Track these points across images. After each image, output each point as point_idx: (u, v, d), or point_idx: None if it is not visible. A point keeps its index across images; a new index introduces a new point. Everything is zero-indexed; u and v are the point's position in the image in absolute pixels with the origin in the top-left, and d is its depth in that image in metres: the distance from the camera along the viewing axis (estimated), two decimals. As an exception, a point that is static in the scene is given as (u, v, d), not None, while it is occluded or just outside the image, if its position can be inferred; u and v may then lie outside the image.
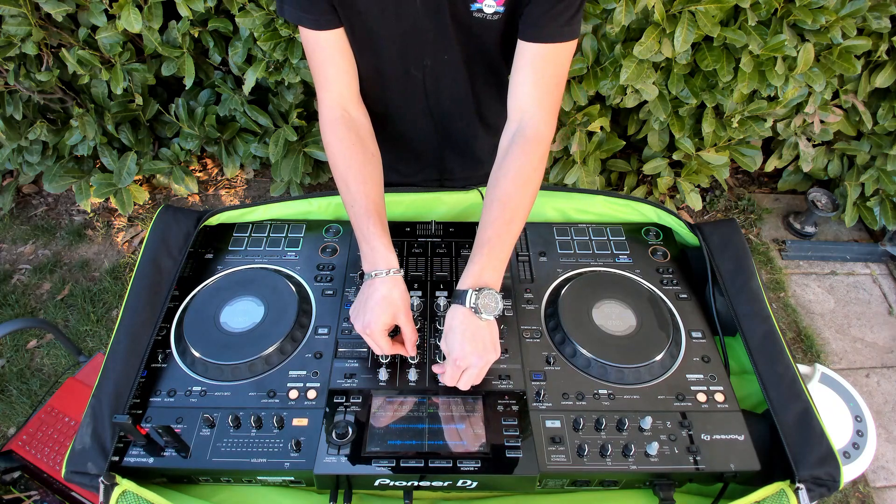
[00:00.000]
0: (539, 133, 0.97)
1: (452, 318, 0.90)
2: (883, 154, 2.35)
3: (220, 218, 1.13)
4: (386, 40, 1.01)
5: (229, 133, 2.34)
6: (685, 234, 1.13)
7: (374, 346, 0.91)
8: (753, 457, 0.82)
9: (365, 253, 0.95)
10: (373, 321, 0.88)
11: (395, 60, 1.04)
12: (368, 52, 1.03)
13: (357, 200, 0.97)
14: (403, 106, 1.15)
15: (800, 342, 2.35)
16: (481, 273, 0.90)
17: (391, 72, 1.07)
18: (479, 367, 0.87)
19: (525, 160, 0.96)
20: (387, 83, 1.09)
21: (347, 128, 1.02)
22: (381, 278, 0.91)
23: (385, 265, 0.92)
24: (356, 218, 0.97)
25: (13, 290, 2.44)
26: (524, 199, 0.96)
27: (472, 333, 0.87)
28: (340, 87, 1.03)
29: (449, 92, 1.11)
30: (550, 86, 0.98)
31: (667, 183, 2.36)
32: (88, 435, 0.80)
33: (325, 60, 1.01)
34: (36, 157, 2.32)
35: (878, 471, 2.02)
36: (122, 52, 2.04)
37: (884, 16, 1.95)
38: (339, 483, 0.82)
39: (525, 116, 0.98)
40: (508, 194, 0.95)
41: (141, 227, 2.68)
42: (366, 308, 0.90)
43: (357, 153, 1.01)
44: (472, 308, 0.88)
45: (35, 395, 2.11)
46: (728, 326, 0.99)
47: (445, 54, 1.03)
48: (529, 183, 0.96)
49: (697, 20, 1.81)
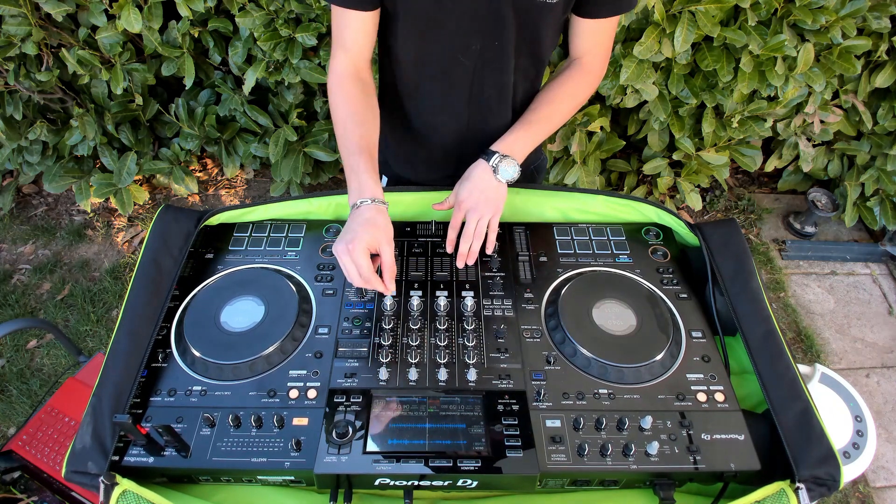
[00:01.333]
0: (592, 67, 1.13)
1: (473, 168, 1.06)
2: (883, 154, 2.35)
3: (221, 218, 1.13)
4: (441, 24, 1.01)
5: (229, 133, 2.34)
6: (685, 233, 1.13)
7: (353, 269, 0.91)
8: (753, 456, 0.82)
9: (352, 187, 0.98)
10: (356, 238, 0.90)
11: (445, 46, 1.04)
12: (419, 39, 1.04)
13: (351, 139, 1.00)
14: (444, 96, 1.14)
15: (800, 342, 2.35)
16: (513, 143, 1.07)
17: (439, 59, 1.07)
18: (479, 215, 1.02)
19: (576, 80, 1.12)
20: (433, 70, 1.09)
21: (356, 81, 1.05)
22: (366, 205, 0.94)
23: (370, 194, 0.95)
24: (348, 155, 1.00)
25: (13, 290, 2.44)
26: (566, 105, 1.13)
27: (484, 186, 1.04)
28: (360, 49, 1.05)
29: (493, 80, 1.10)
30: (606, 38, 1.11)
31: (667, 183, 2.36)
32: (89, 434, 0.80)
33: (350, 33, 1.03)
34: (36, 157, 2.32)
35: (878, 471, 2.02)
36: (122, 52, 2.04)
37: (884, 16, 1.95)
38: (339, 482, 0.82)
39: (583, 57, 1.12)
40: (556, 95, 1.12)
41: (141, 227, 2.68)
42: (348, 229, 0.92)
43: (360, 103, 1.04)
44: (492, 167, 1.04)
45: (35, 395, 2.11)
46: (728, 326, 0.99)
47: (497, 40, 1.03)
48: (574, 97, 1.13)
49: (697, 20, 1.81)
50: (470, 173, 1.07)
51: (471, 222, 1.05)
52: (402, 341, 0.96)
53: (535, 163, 1.36)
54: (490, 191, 1.05)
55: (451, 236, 1.09)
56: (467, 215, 1.05)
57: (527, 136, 1.09)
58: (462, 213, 1.06)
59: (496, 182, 1.05)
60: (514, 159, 1.06)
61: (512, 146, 1.07)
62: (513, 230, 1.15)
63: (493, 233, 1.07)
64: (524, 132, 1.09)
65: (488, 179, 1.05)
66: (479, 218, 1.04)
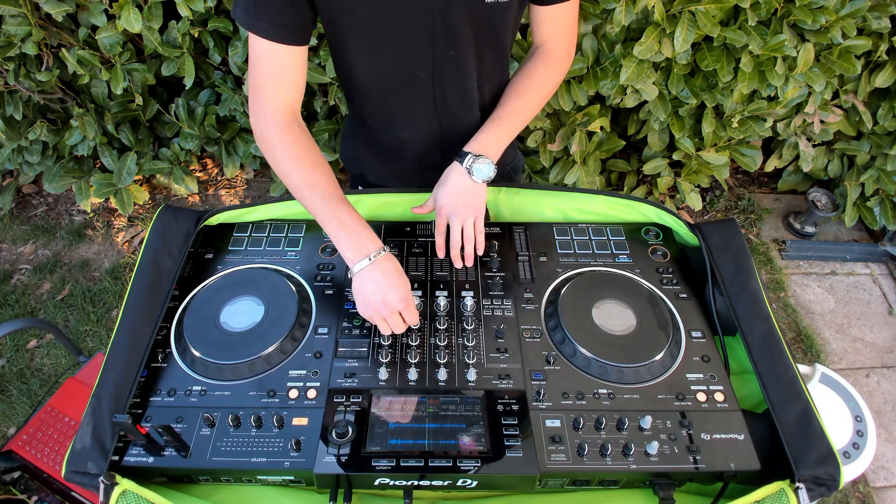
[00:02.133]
0: (557, 54, 1.10)
1: (448, 173, 1.05)
2: (883, 154, 2.35)
3: (220, 218, 1.13)
4: (390, 44, 0.98)
5: (229, 133, 2.34)
6: (685, 233, 1.13)
7: (398, 322, 0.93)
8: (753, 456, 0.82)
9: (348, 241, 0.94)
10: (407, 292, 0.92)
11: (399, 64, 1.02)
12: (370, 59, 1.01)
13: (328, 192, 0.96)
14: (408, 111, 1.12)
15: (800, 342, 2.35)
16: (485, 142, 1.05)
17: (396, 76, 1.04)
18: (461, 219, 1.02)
19: (541, 67, 1.10)
20: (391, 88, 1.07)
21: (301, 130, 1.00)
22: (382, 256, 0.94)
23: (377, 246, 0.95)
24: (329, 208, 0.95)
25: (13, 290, 2.45)
26: (535, 96, 1.10)
27: (460, 190, 1.03)
28: (294, 94, 0.99)
29: (455, 88, 1.08)
30: (568, 23, 1.08)
31: (667, 183, 2.36)
32: (88, 434, 0.80)
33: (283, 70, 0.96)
34: (36, 157, 2.32)
35: (878, 471, 2.02)
36: (122, 52, 2.04)
37: (884, 16, 1.95)
38: (338, 482, 0.82)
39: (547, 44, 1.10)
40: (524, 87, 1.09)
41: (141, 227, 2.68)
42: (390, 284, 0.92)
43: (315, 151, 1.00)
44: (467, 169, 1.03)
45: (35, 395, 2.11)
46: (728, 326, 0.99)
47: (451, 49, 1.01)
48: (542, 86, 1.10)
49: (697, 20, 1.81)
50: (446, 177, 1.06)
51: (455, 227, 1.04)
52: (402, 341, 0.96)
53: (511, 163, 1.34)
54: (467, 193, 1.04)
55: (440, 242, 1.08)
56: (449, 220, 1.05)
57: (498, 132, 1.07)
58: (444, 218, 1.05)
59: (472, 184, 1.04)
60: (488, 158, 1.04)
61: (485, 145, 1.05)
62: (513, 230, 1.15)
63: (480, 234, 1.07)
64: (495, 129, 1.07)
65: (464, 182, 1.04)
66: (462, 222, 1.04)
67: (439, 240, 1.08)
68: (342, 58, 1.03)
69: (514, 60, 1.99)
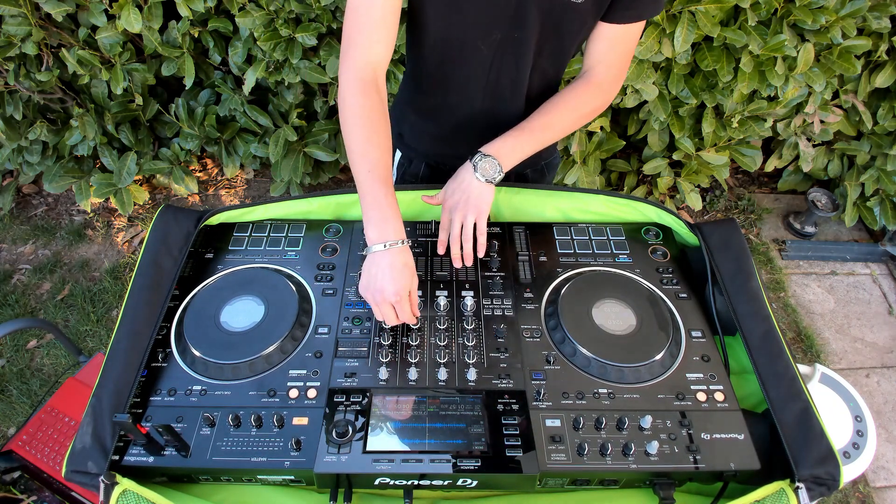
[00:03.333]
0: (602, 80, 1.10)
1: (460, 169, 1.07)
2: (883, 154, 2.35)
3: (221, 218, 1.13)
4: (464, 11, 1.00)
5: (229, 133, 2.34)
6: (685, 233, 1.13)
7: (391, 315, 0.93)
8: (753, 456, 0.82)
9: (375, 220, 0.94)
10: (403, 288, 0.92)
11: (467, 32, 1.03)
12: (442, 22, 1.02)
13: (376, 167, 0.95)
14: (461, 79, 1.13)
15: (800, 342, 2.35)
16: (501, 147, 1.06)
17: (459, 44, 1.06)
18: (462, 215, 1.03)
19: (581, 91, 1.10)
20: (453, 53, 1.08)
21: (377, 92, 0.99)
22: (397, 247, 0.93)
23: (398, 235, 0.94)
24: (370, 183, 0.94)
25: (13, 290, 2.45)
26: (569, 115, 1.10)
27: (466, 186, 1.05)
28: (380, 51, 0.99)
29: (509, 71, 1.09)
30: (624, 50, 1.08)
31: (667, 183, 2.36)
32: (89, 434, 0.80)
33: (375, 23, 0.96)
34: (36, 157, 2.32)
35: (878, 471, 2.02)
36: (122, 52, 2.04)
37: (884, 16, 1.95)
38: (339, 482, 0.82)
39: (596, 68, 1.10)
40: (559, 105, 1.10)
41: (141, 227, 2.68)
42: (391, 276, 0.91)
43: (381, 120, 0.98)
44: (473, 165, 1.04)
45: (35, 395, 2.11)
46: (728, 326, 0.99)
47: (517, 32, 1.02)
48: (579, 108, 1.10)
49: (697, 20, 1.81)
50: (457, 172, 1.08)
51: (455, 222, 1.05)
52: (402, 341, 0.96)
53: (546, 159, 1.35)
54: (472, 190, 1.05)
55: (442, 237, 1.09)
56: (451, 215, 1.06)
57: (517, 141, 1.07)
58: (447, 212, 1.07)
59: (479, 183, 1.04)
60: (497, 160, 1.04)
61: (500, 149, 1.06)
62: (513, 230, 1.15)
63: (482, 235, 1.07)
64: (516, 137, 1.07)
65: (470, 179, 1.05)
66: (463, 218, 1.05)
67: (442, 235, 1.09)
68: (417, 18, 1.04)
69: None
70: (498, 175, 1.05)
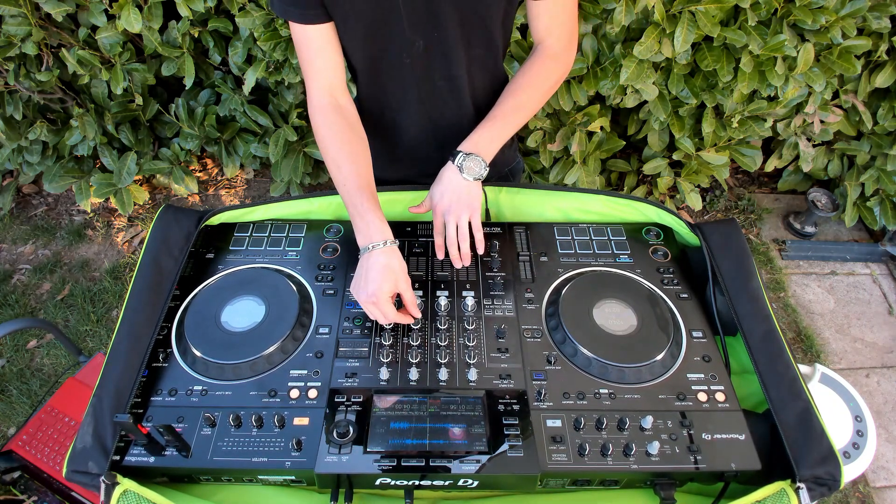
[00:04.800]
0: (555, 51, 1.09)
1: (442, 172, 1.07)
2: (883, 154, 2.35)
3: (221, 218, 1.13)
4: (382, 27, 1.00)
5: (229, 133, 2.34)
6: (685, 233, 1.13)
7: (379, 315, 0.94)
8: (754, 456, 0.82)
9: (359, 228, 0.98)
10: (377, 290, 0.92)
11: (389, 48, 1.04)
12: (363, 42, 1.03)
13: (349, 179, 1.00)
14: (397, 95, 1.13)
15: (800, 342, 2.35)
16: (478, 141, 1.06)
17: (386, 61, 1.06)
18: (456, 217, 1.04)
19: (539, 66, 1.09)
20: (382, 74, 1.09)
21: (336, 112, 1.05)
22: (378, 249, 0.95)
23: (381, 237, 0.96)
24: (348, 195, 1.00)
25: (13, 290, 2.44)
26: (532, 93, 1.10)
27: (454, 187, 1.05)
28: (329, 76, 1.05)
29: (441, 74, 1.08)
30: (566, 18, 1.07)
31: (667, 183, 2.36)
32: (89, 434, 0.80)
33: (314, 53, 1.02)
34: (36, 157, 2.32)
35: (878, 471, 2.02)
36: (122, 52, 2.04)
37: (884, 16, 1.95)
38: (339, 482, 0.82)
39: (545, 41, 1.09)
40: (520, 85, 1.09)
41: (141, 227, 2.68)
42: (367, 279, 0.94)
43: (346, 135, 1.04)
44: (458, 167, 1.04)
45: (35, 395, 2.11)
46: (728, 326, 0.99)
47: (437, 31, 1.01)
48: (539, 83, 1.10)
49: (697, 20, 1.81)
50: (441, 176, 1.08)
51: (450, 226, 1.06)
52: (403, 341, 0.96)
53: (509, 165, 1.35)
54: (461, 191, 1.05)
55: (438, 241, 1.09)
56: (445, 218, 1.06)
57: (491, 131, 1.07)
58: (440, 217, 1.07)
59: (465, 182, 1.05)
60: (479, 156, 1.05)
61: (477, 143, 1.06)
62: (513, 230, 1.15)
63: (478, 232, 1.07)
64: (488, 128, 1.08)
65: (457, 180, 1.05)
66: (457, 219, 1.05)
67: (438, 239, 1.09)
68: (342, 42, 1.06)
69: (515, 61, 1.99)
70: (484, 171, 1.05)
